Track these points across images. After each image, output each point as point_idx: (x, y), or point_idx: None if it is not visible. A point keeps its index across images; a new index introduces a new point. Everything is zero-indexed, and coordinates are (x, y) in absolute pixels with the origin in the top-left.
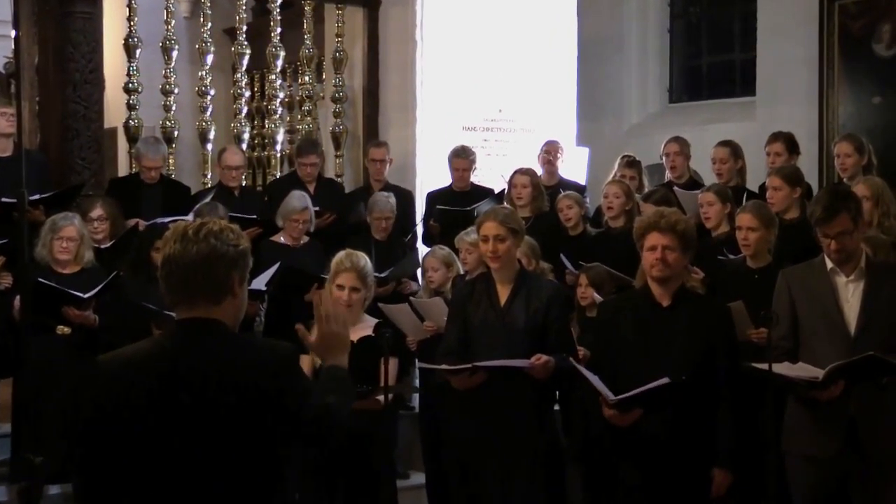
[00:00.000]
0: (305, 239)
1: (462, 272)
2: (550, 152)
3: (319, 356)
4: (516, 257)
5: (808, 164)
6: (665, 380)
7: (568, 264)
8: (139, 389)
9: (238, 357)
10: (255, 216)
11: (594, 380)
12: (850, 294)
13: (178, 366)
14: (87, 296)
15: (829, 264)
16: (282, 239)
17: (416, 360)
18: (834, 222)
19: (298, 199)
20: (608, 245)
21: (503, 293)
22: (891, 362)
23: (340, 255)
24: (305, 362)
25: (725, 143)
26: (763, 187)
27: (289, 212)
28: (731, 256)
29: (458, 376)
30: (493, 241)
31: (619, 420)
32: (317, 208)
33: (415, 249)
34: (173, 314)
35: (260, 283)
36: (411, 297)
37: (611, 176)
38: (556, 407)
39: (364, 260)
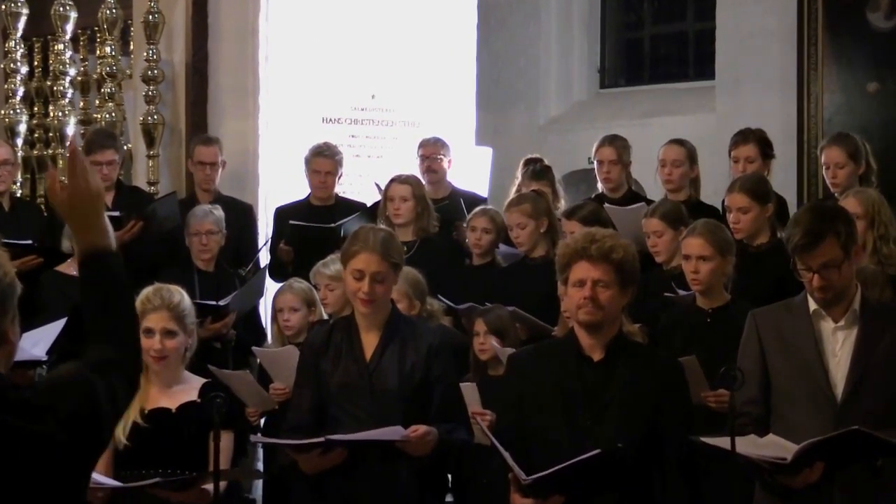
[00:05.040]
0: None
1: (325, 315)
2: (428, 154)
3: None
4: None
5: (783, 172)
6: (596, 451)
7: (452, 304)
8: None
9: (18, 417)
10: (30, 241)
11: (504, 453)
12: (839, 345)
13: None
14: None
15: (813, 305)
16: (73, 270)
17: (260, 435)
18: (817, 251)
19: None
20: (525, 280)
21: (369, 343)
22: (882, 440)
23: (147, 290)
24: None
25: (680, 142)
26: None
27: None
28: (682, 292)
29: (307, 455)
30: (371, 280)
31: None
32: (116, 213)
33: (262, 272)
34: None
35: (39, 346)
36: (255, 348)
37: (512, 190)
38: (450, 498)
39: (180, 296)
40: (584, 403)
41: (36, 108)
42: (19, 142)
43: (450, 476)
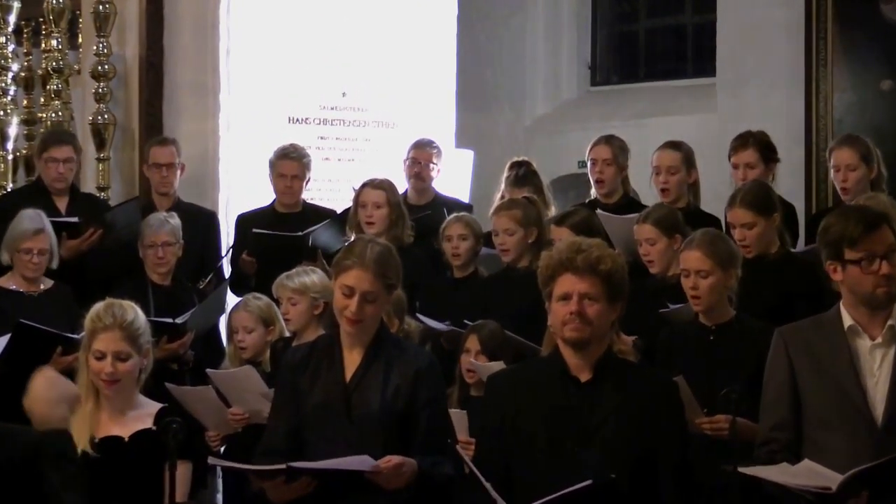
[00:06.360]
0: (48, 283)
1: (288, 333)
2: (421, 160)
3: None
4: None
5: (790, 177)
6: (587, 482)
7: (433, 322)
8: None
9: None
10: None
11: (486, 484)
12: (877, 364)
13: None
14: None
15: (848, 321)
16: (11, 284)
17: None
18: (880, 233)
19: (29, 219)
20: (508, 293)
21: (351, 362)
22: None
23: (98, 307)
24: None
25: (675, 146)
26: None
27: (15, 238)
28: (672, 306)
29: (273, 483)
30: (360, 299)
31: None
32: (75, 220)
33: (223, 286)
34: None
35: None
36: (209, 371)
37: (497, 195)
38: None
39: (133, 313)
40: (571, 428)
41: None
42: None
43: None
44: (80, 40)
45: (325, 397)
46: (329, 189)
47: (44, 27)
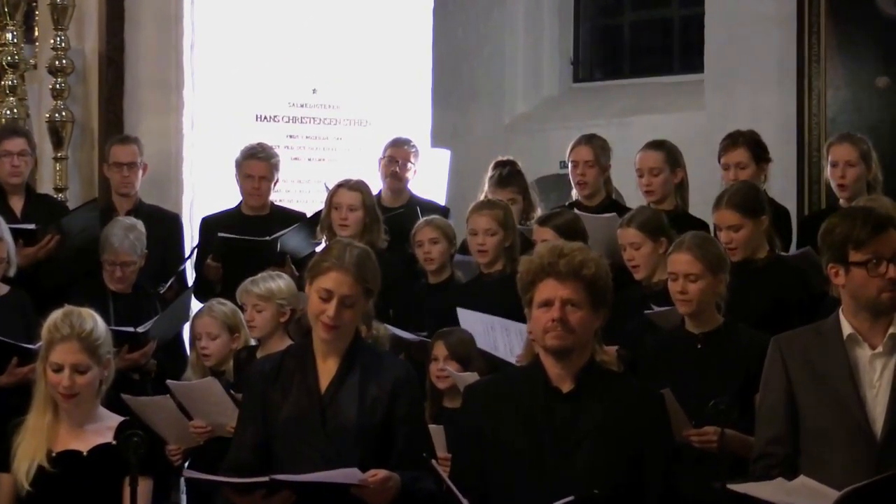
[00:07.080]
0: (4, 289)
1: (253, 341)
2: (398, 158)
3: None
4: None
5: (782, 177)
6: (569, 497)
7: (403, 333)
8: None
9: None
10: None
11: (464, 500)
12: (877, 374)
13: None
14: None
15: (848, 329)
16: None
17: (183, 480)
18: (885, 236)
19: None
20: (480, 299)
21: (326, 372)
22: None
23: (55, 316)
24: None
25: (657, 146)
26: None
27: None
28: (657, 308)
29: (249, 498)
30: (339, 303)
31: None
32: (31, 227)
33: (187, 293)
34: None
35: None
36: (169, 382)
37: (481, 197)
38: None
39: (92, 322)
40: (553, 441)
41: None
42: None
43: None
44: (36, 34)
45: (298, 409)
46: (299, 190)
47: None
